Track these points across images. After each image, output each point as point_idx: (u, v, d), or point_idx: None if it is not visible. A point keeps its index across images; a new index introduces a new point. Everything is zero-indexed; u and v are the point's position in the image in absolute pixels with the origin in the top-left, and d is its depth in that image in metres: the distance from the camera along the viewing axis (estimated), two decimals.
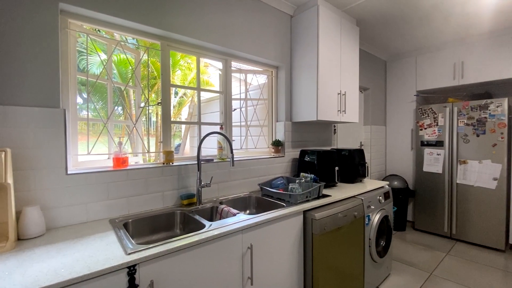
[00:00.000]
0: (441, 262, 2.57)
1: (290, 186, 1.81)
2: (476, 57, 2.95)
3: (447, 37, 3.00)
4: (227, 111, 2.01)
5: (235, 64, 2.13)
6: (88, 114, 1.48)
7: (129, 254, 0.96)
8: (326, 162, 2.15)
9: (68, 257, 0.94)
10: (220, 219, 1.53)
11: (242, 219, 1.32)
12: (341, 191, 1.97)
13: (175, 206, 1.60)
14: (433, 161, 3.14)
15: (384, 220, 2.16)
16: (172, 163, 1.62)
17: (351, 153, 2.36)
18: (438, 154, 3.11)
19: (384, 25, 2.71)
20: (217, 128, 1.91)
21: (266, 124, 2.40)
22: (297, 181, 1.85)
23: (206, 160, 1.74)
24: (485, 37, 2.89)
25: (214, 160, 1.83)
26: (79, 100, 1.53)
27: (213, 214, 1.63)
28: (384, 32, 2.88)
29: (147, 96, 1.79)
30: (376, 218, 2.02)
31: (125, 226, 1.32)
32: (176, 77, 4.82)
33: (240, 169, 1.97)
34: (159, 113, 5.15)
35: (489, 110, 2.77)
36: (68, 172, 1.28)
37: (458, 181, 2.98)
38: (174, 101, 5.25)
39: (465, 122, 2.92)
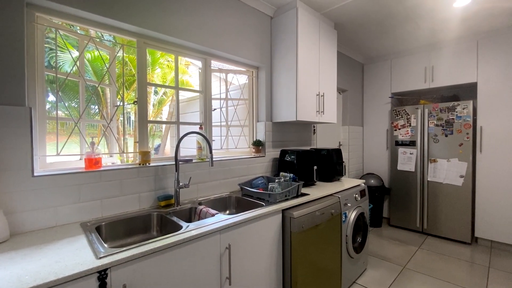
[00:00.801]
0: (413, 256, 2.70)
1: (270, 186, 1.83)
2: (445, 62, 3.13)
3: (419, 42, 3.16)
4: (206, 111, 1.99)
5: (216, 64, 2.12)
6: (57, 113, 1.41)
7: (100, 258, 0.93)
8: (305, 162, 2.19)
9: (33, 263, 0.89)
10: (198, 220, 1.52)
11: (220, 219, 1.32)
12: (319, 190, 2.02)
13: (152, 208, 1.56)
14: (406, 160, 3.30)
15: (360, 217, 2.24)
16: (149, 164, 1.58)
17: (329, 153, 2.42)
18: (411, 153, 3.27)
19: (361, 29, 2.81)
20: (196, 128, 1.89)
21: (247, 124, 2.40)
22: (276, 180, 1.87)
23: (184, 160, 1.71)
24: (453, 43, 3.08)
25: (193, 161, 1.80)
26: (52, 98, 1.45)
27: (191, 215, 1.61)
28: (361, 36, 2.98)
29: (122, 94, 1.73)
30: (352, 215, 2.09)
31: (98, 229, 1.27)
32: (156, 76, 4.70)
33: (220, 169, 1.96)
34: None
35: (456, 112, 2.96)
36: (35, 174, 1.21)
37: (429, 179, 3.15)
38: (153, 100, 5.12)
39: (435, 123, 3.10)
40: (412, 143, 3.29)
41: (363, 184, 2.40)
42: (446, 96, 3.35)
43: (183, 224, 1.27)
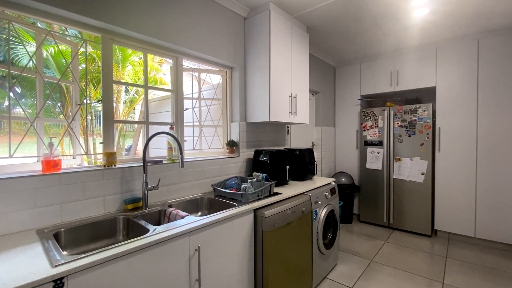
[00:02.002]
0: (380, 249, 2.86)
1: (242, 186, 1.84)
2: (408, 67, 3.35)
3: (385, 48, 3.35)
4: (178, 111, 1.95)
5: (189, 63, 2.08)
6: (9, 112, 1.30)
7: (56, 266, 0.87)
8: (278, 162, 2.23)
9: None
10: (168, 222, 1.48)
11: (189, 221, 1.30)
12: (292, 189, 2.07)
13: (118, 211, 1.50)
14: (374, 159, 3.49)
15: (330, 214, 2.32)
16: (115, 165, 1.52)
17: (302, 153, 2.48)
18: (378, 153, 3.46)
19: (332, 34, 2.92)
20: (167, 128, 1.85)
21: (220, 125, 2.39)
22: (249, 180, 1.89)
23: (154, 161, 1.66)
24: (415, 49, 3.31)
25: (164, 162, 1.76)
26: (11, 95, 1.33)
27: (161, 218, 1.57)
28: (332, 39, 3.10)
29: (86, 92, 1.64)
30: (323, 213, 2.16)
31: (56, 236, 1.19)
32: (127, 73, 4.51)
33: (192, 170, 1.93)
34: None
35: (418, 114, 3.18)
36: None
37: (394, 176, 3.35)
38: (124, 98, 4.90)
39: (400, 124, 3.30)
40: (379, 143, 3.47)
41: (333, 183, 2.49)
42: (409, 99, 3.58)
43: (151, 227, 1.23)
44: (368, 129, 3.56)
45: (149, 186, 1.55)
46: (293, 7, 2.34)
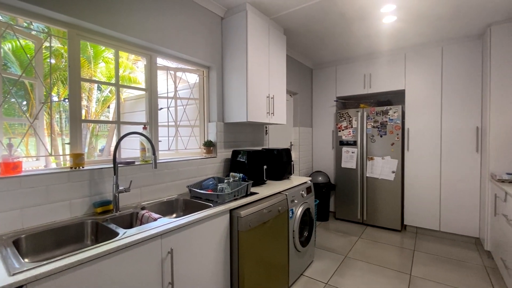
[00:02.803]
0: (354, 245, 2.98)
1: (219, 186, 1.83)
2: (380, 70, 3.52)
3: (359, 51, 3.49)
4: (152, 110, 1.90)
5: (164, 62, 2.03)
6: None
7: (14, 275, 0.82)
8: (256, 162, 2.25)
9: None
10: (140, 225, 1.44)
11: (162, 223, 1.27)
12: (269, 188, 2.09)
13: (86, 215, 1.43)
14: (349, 158, 3.62)
15: (306, 213, 2.38)
16: (83, 167, 1.45)
17: (279, 152, 2.52)
18: (352, 152, 3.60)
19: (308, 36, 2.99)
20: (141, 128, 1.79)
21: (197, 125, 2.36)
22: (225, 181, 1.88)
23: (125, 162, 1.61)
24: (386, 54, 3.48)
25: (136, 163, 1.70)
26: None
27: (133, 221, 1.52)
28: (309, 42, 3.17)
29: (49, 90, 1.55)
30: (299, 211, 2.21)
31: (16, 243, 1.12)
32: (100, 71, 4.31)
33: (167, 171, 1.88)
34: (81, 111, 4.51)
35: (389, 115, 3.35)
36: None
37: (367, 175, 3.50)
38: (96, 97, 4.69)
39: (372, 124, 3.46)
40: (354, 143, 3.61)
41: (309, 182, 2.55)
42: (381, 101, 3.76)
43: (120, 231, 1.19)
44: (343, 130, 3.69)
45: (120, 188, 1.50)
46: (270, 9, 2.37)
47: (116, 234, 1.18)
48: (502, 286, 2.15)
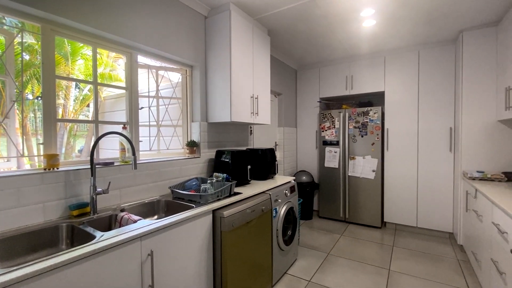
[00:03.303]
0: (336, 242, 3.05)
1: (202, 187, 1.82)
2: (361, 72, 3.62)
3: (341, 54, 3.58)
4: (132, 109, 1.85)
5: (146, 60, 1.99)
6: None
7: None
8: (240, 162, 2.24)
9: None
10: (120, 227, 1.40)
11: (142, 225, 1.24)
12: (253, 188, 2.10)
13: (61, 218, 1.37)
14: (332, 158, 3.70)
15: (290, 212, 2.41)
16: (57, 168, 1.39)
17: (263, 152, 2.53)
18: (335, 152, 3.68)
19: (292, 38, 3.03)
20: (120, 128, 1.74)
21: (180, 124, 2.33)
22: (208, 181, 1.87)
23: (104, 163, 1.56)
24: (367, 57, 3.59)
25: (115, 163, 1.66)
26: None
27: (112, 223, 1.48)
28: (292, 44, 3.21)
29: (21, 88, 1.47)
30: (282, 210, 2.24)
31: None
32: (78, 68, 4.14)
33: (148, 172, 1.85)
34: (58, 110, 4.30)
35: (370, 116, 3.45)
36: None
37: (349, 174, 3.60)
38: (74, 95, 4.50)
39: (354, 125, 3.56)
40: (336, 143, 3.70)
41: (293, 181, 2.59)
42: (363, 102, 3.87)
43: (98, 233, 1.15)
44: (326, 130, 3.77)
45: (98, 190, 1.45)
46: (253, 9, 2.38)
47: (93, 237, 1.14)
48: (474, 278, 2.28)
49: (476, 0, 2.20)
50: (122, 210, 1.54)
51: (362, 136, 3.50)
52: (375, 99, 3.83)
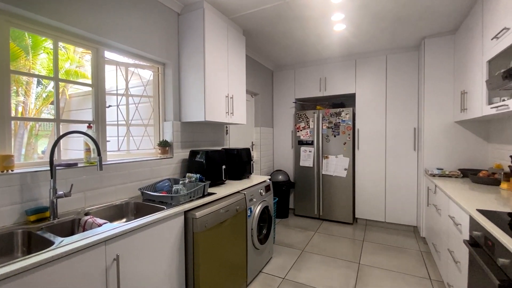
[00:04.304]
0: (311, 239, 3.13)
1: (174, 188, 1.77)
2: (333, 75, 3.75)
3: (315, 56, 3.68)
4: (99, 108, 1.76)
5: (115, 56, 1.90)
6: None
7: None
8: (214, 162, 2.22)
9: None
10: (83, 232, 1.32)
11: (106, 229, 1.19)
12: (227, 188, 2.09)
13: (16, 224, 1.27)
14: (307, 157, 3.80)
15: (265, 210, 2.43)
16: (12, 171, 1.28)
17: (239, 152, 2.53)
18: (310, 151, 3.78)
19: (268, 39, 3.06)
20: (85, 127, 1.65)
21: (151, 124, 2.25)
22: (181, 182, 1.83)
23: (66, 164, 1.47)
24: (339, 60, 3.73)
25: (80, 165, 1.57)
26: None
27: (74, 228, 1.39)
28: (268, 45, 3.25)
29: None
30: (257, 210, 2.25)
31: None
32: (40, 62, 3.84)
33: (117, 174, 1.77)
34: (18, 108, 3.96)
35: (342, 117, 3.59)
36: None
37: (323, 172, 3.71)
38: (35, 92, 4.17)
39: (327, 125, 3.68)
40: (311, 143, 3.80)
41: (268, 180, 2.62)
42: (335, 103, 4.01)
43: (57, 239, 1.08)
44: (301, 130, 3.85)
45: (59, 193, 1.36)
46: (228, 8, 2.37)
47: (52, 243, 1.07)
48: (434, 267, 2.46)
49: (436, 11, 2.38)
50: (87, 214, 1.46)
51: (335, 136, 3.63)
52: (347, 101, 3.99)
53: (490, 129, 2.67)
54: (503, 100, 1.71)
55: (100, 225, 1.27)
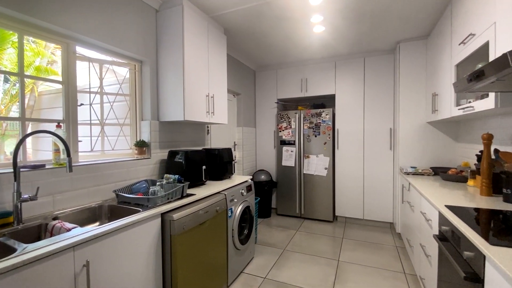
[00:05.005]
0: (292, 238, 3.16)
1: (151, 189, 1.72)
2: (314, 76, 3.82)
3: (297, 57, 3.73)
4: (70, 106, 1.67)
5: (88, 52, 1.81)
6: None
7: None
8: (195, 162, 2.18)
9: None
10: (50, 237, 1.25)
11: (75, 233, 1.13)
12: (207, 189, 2.06)
13: None
14: (289, 157, 3.84)
15: (246, 211, 2.43)
16: None
17: (220, 152, 2.50)
18: (291, 151, 3.82)
19: (249, 39, 3.05)
20: (53, 126, 1.56)
21: (128, 123, 2.18)
22: (158, 183, 1.78)
23: (32, 166, 1.37)
24: (320, 61, 3.80)
25: (48, 166, 1.48)
26: None
27: (41, 233, 1.31)
28: (250, 45, 3.24)
29: None
30: (238, 210, 2.24)
31: None
32: (7, 58, 3.59)
33: (89, 175, 1.68)
34: None
35: (322, 117, 3.66)
36: None
37: (304, 172, 3.77)
38: (2, 89, 3.89)
39: (308, 125, 3.73)
40: (293, 142, 3.84)
41: (250, 180, 2.61)
42: (316, 104, 4.09)
43: (20, 246, 1.01)
44: (283, 130, 3.89)
45: (24, 196, 1.28)
46: (208, 6, 2.33)
47: (14, 250, 0.99)
48: (408, 262, 2.57)
49: (410, 17, 2.48)
50: (55, 218, 1.38)
51: (315, 136, 3.69)
52: (328, 101, 4.07)
53: (459, 129, 2.83)
54: (469, 102, 1.82)
55: (69, 230, 1.20)
